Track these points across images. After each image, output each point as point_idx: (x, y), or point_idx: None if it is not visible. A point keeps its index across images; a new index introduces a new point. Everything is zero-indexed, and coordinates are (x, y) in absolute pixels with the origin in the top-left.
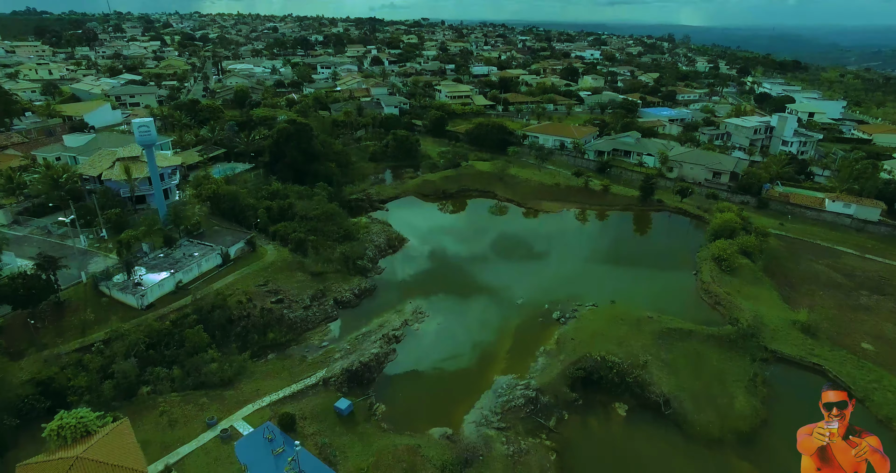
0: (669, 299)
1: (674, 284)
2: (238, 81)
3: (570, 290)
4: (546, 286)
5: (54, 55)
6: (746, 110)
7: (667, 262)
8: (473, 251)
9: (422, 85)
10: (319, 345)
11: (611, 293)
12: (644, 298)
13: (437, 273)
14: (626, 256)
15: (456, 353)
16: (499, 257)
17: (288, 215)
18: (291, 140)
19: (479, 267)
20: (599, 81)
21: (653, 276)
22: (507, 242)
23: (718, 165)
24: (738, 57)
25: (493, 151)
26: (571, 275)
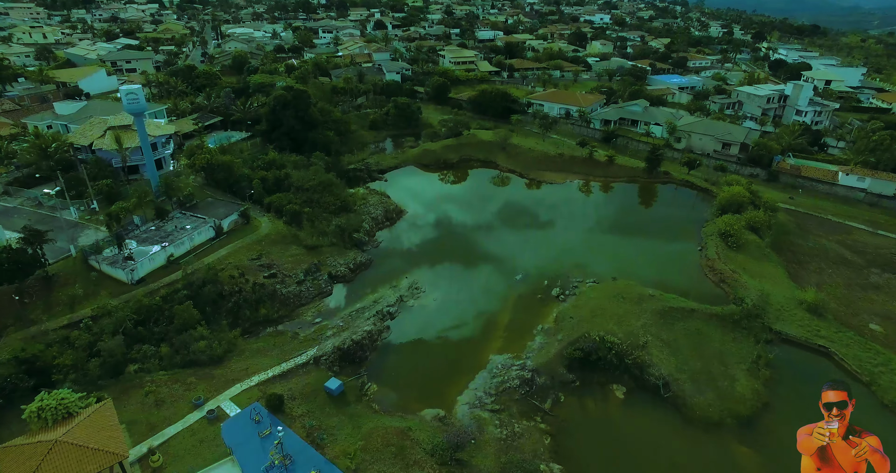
0: (672, 275)
1: (677, 260)
2: (237, 45)
3: (571, 265)
4: (546, 261)
5: (49, 18)
6: (759, 78)
7: (671, 237)
8: (473, 224)
9: (425, 50)
10: (312, 322)
11: (612, 269)
12: (646, 274)
13: (434, 246)
14: (630, 230)
15: (451, 331)
16: (499, 229)
17: (284, 185)
18: (288, 108)
19: (479, 240)
20: (608, 47)
21: (656, 251)
22: (508, 214)
23: (728, 135)
24: (753, 21)
25: (497, 119)
26: (572, 249)
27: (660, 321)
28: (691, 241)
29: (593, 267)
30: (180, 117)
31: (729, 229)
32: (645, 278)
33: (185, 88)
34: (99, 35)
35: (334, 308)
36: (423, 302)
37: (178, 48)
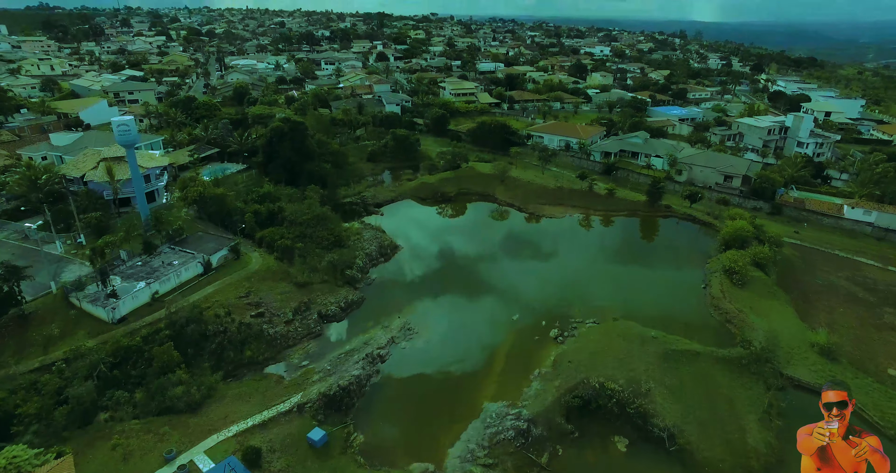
0: (676, 315)
1: (681, 298)
2: (239, 77)
3: (570, 304)
4: (544, 300)
5: (60, 50)
6: (760, 110)
7: (674, 274)
8: (469, 259)
9: (426, 82)
10: (299, 364)
11: (613, 308)
12: (648, 313)
13: (429, 283)
14: (631, 266)
15: (444, 375)
16: (496, 265)
17: (277, 219)
18: (285, 139)
19: (475, 276)
20: (608, 79)
21: (658, 289)
22: (506, 250)
23: (730, 168)
24: (751, 53)
25: (496, 150)
26: (571, 287)
27: (663, 365)
28: (695, 278)
29: (593, 306)
30: (178, 148)
31: (733, 265)
32: (647, 317)
33: (184, 119)
34: (105, 66)
35: (323, 350)
36: (415, 344)
37: (181, 79)
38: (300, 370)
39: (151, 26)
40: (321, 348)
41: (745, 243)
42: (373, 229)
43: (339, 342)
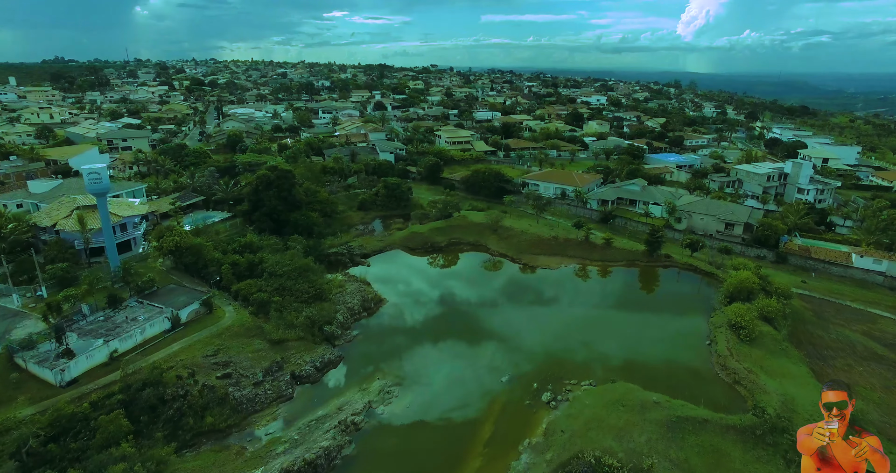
0: (680, 375)
1: (684, 356)
2: (235, 125)
3: (564, 363)
4: (537, 358)
5: (63, 100)
6: (757, 156)
7: (675, 329)
8: (457, 314)
9: (422, 130)
10: (265, 433)
11: (611, 368)
12: (650, 374)
13: (413, 341)
14: (629, 321)
15: (424, 445)
16: (485, 321)
17: (257, 270)
18: (271, 188)
19: (462, 333)
20: (605, 127)
21: (660, 346)
22: (496, 303)
23: (731, 215)
24: (745, 102)
25: (491, 199)
26: (567, 344)
27: (667, 436)
28: (699, 333)
29: (590, 365)
30: (162, 196)
31: (740, 319)
32: (648, 378)
33: (172, 167)
34: (105, 115)
35: (293, 416)
36: (395, 409)
37: (177, 127)
38: (265, 440)
39: (157, 77)
40: (291, 413)
41: (750, 294)
42: (357, 282)
43: (310, 407)
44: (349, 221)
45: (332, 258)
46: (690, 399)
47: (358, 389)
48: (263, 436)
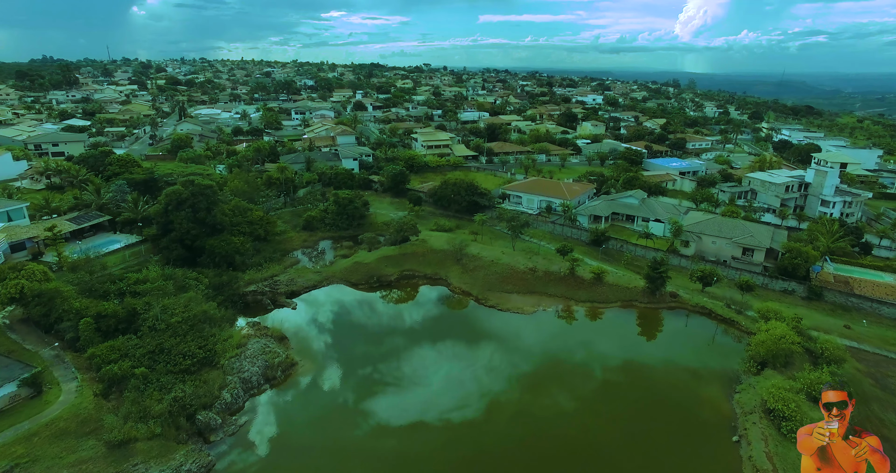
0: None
1: (702, 460)
2: (190, 127)
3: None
4: (488, 468)
5: (21, 98)
6: (772, 162)
7: (687, 411)
8: (390, 387)
9: (400, 132)
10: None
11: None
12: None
13: (324, 436)
14: (623, 400)
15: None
16: (426, 400)
17: (137, 322)
18: (183, 207)
19: (392, 421)
20: (600, 128)
21: (665, 446)
22: (446, 370)
23: (749, 239)
24: (747, 102)
25: (462, 214)
26: (534, 442)
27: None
28: (720, 422)
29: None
30: (56, 216)
31: (780, 404)
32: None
33: (91, 177)
34: (54, 115)
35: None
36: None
37: (128, 130)
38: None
39: (134, 75)
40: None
41: (789, 360)
42: (264, 338)
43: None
44: (289, 245)
45: (249, 299)
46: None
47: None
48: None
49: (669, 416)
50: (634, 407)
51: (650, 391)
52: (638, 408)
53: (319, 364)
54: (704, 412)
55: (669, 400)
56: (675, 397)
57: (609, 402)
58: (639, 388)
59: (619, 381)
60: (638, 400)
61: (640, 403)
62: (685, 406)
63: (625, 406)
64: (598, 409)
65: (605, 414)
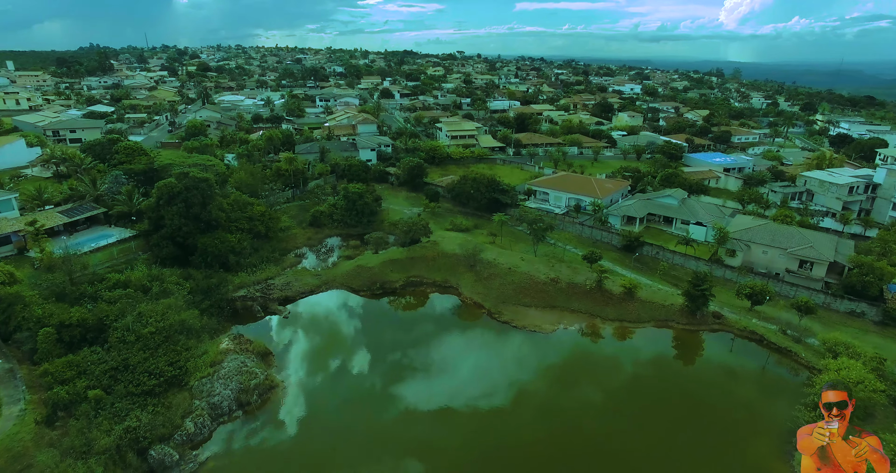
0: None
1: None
2: (209, 114)
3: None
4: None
5: (57, 85)
6: (832, 160)
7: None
8: (384, 415)
9: (426, 121)
10: None
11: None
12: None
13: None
14: (651, 449)
15: None
16: (425, 435)
17: (108, 332)
18: (176, 202)
19: (380, 461)
20: (637, 119)
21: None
22: (452, 399)
23: (809, 250)
24: (798, 92)
25: (482, 213)
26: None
27: None
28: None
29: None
30: (55, 207)
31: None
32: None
33: (98, 166)
34: (81, 101)
35: None
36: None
37: (149, 116)
38: None
39: (167, 62)
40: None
41: (868, 411)
42: (244, 354)
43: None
44: (292, 242)
45: (238, 305)
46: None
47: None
48: None
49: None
50: (666, 453)
51: (679, 445)
52: (670, 457)
53: (303, 388)
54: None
55: (705, 458)
56: (712, 453)
57: (631, 442)
58: (665, 440)
59: (643, 422)
60: (670, 446)
61: (672, 455)
62: (726, 466)
63: (652, 454)
64: (618, 450)
65: (626, 455)
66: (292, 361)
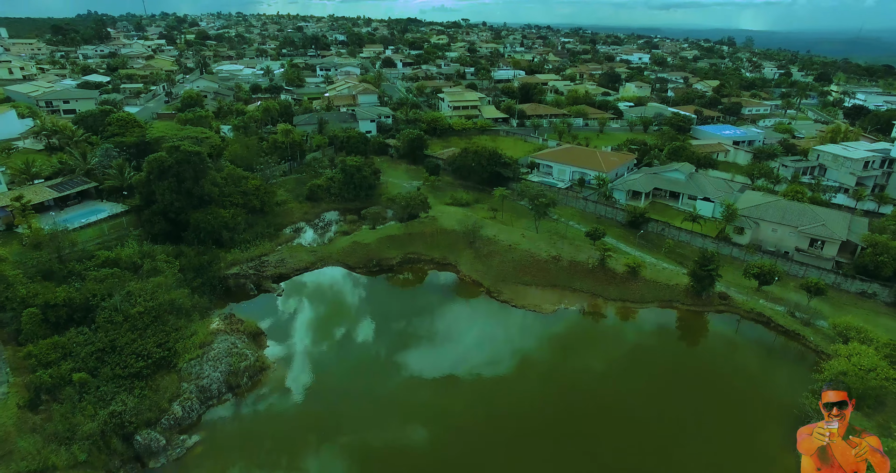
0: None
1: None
2: (206, 84)
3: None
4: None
5: (52, 53)
6: (847, 133)
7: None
8: (377, 399)
9: (428, 91)
10: None
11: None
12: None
13: (282, 461)
14: (646, 442)
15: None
16: (418, 422)
17: (93, 313)
18: (167, 176)
19: (373, 447)
20: (645, 90)
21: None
22: (445, 386)
23: (820, 229)
24: (813, 62)
25: (484, 186)
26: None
27: None
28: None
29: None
30: (45, 181)
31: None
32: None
33: (90, 138)
34: (76, 71)
35: None
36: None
37: (145, 86)
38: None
39: (166, 30)
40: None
41: (879, 399)
42: (235, 334)
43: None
44: (288, 217)
45: (231, 283)
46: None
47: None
48: None
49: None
50: (662, 453)
51: (682, 431)
52: (666, 455)
53: (295, 369)
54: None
55: (708, 449)
56: (715, 445)
57: (627, 433)
58: (667, 422)
59: (642, 411)
60: (666, 443)
61: (669, 449)
62: (732, 456)
63: (648, 456)
64: (618, 445)
65: (627, 451)
66: (285, 341)
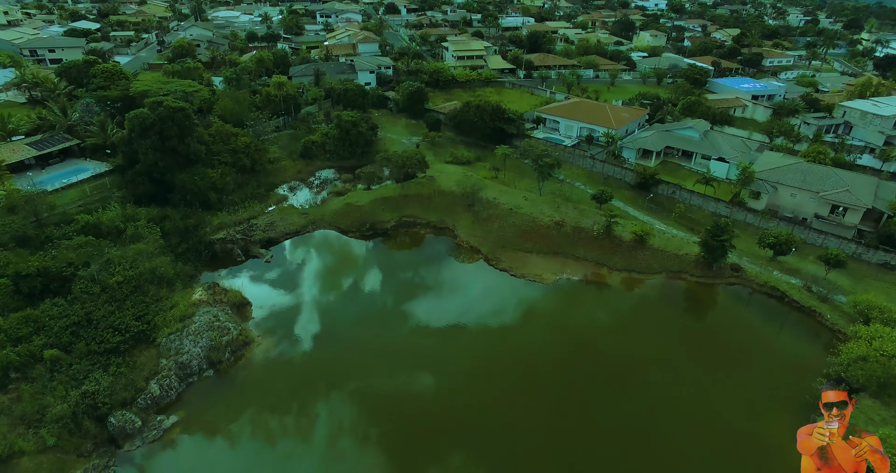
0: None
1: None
2: (200, 32)
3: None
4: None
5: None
6: (877, 87)
7: (739, 461)
8: (367, 372)
9: (432, 39)
10: None
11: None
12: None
13: (266, 443)
14: (641, 440)
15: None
16: (410, 401)
17: (68, 284)
18: (150, 135)
19: (365, 432)
20: (660, 39)
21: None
22: (435, 361)
23: (844, 195)
24: (844, 7)
25: (487, 143)
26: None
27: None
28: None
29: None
30: (23, 139)
31: None
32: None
33: (74, 91)
34: (64, 16)
35: None
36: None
37: (136, 34)
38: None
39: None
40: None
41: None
42: (218, 306)
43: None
44: (281, 176)
45: (218, 248)
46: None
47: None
48: None
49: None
50: (657, 454)
51: (682, 417)
52: (671, 443)
53: (281, 343)
54: (771, 463)
55: (710, 437)
56: (718, 433)
57: (628, 422)
58: (667, 414)
59: (645, 396)
60: (665, 436)
61: (665, 444)
62: (736, 446)
63: (656, 436)
64: (617, 432)
65: (624, 441)
66: (271, 312)
